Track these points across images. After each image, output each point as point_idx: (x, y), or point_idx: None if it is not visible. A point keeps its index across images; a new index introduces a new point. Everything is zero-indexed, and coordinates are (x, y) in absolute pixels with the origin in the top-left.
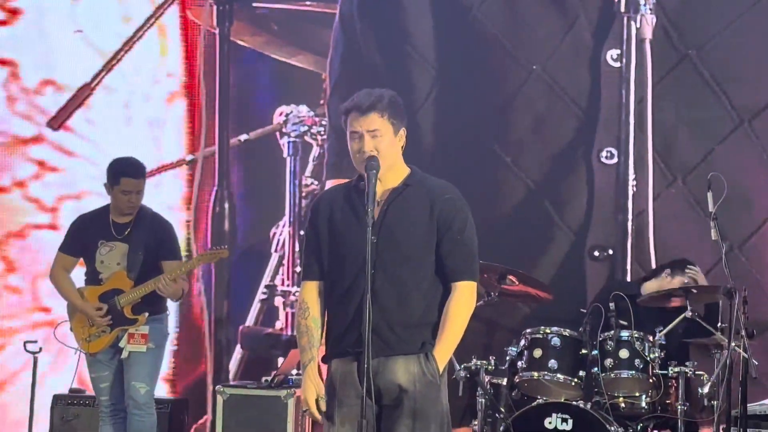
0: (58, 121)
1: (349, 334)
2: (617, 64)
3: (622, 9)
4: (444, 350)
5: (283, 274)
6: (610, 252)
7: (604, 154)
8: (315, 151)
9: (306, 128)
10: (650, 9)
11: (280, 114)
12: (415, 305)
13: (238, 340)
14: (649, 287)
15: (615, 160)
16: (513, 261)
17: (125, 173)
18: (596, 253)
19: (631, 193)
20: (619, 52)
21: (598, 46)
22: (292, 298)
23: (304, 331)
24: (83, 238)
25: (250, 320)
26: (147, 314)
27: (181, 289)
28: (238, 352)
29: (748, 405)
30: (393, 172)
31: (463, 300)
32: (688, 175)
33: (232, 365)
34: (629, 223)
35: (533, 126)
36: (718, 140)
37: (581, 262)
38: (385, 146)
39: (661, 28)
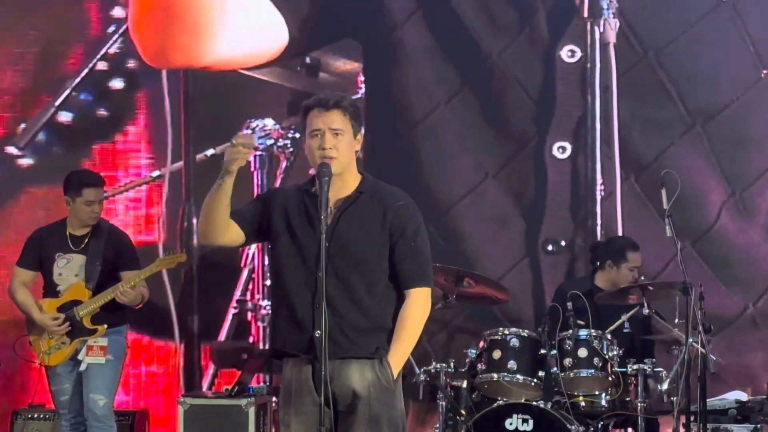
0: (23, 140)
1: (300, 335)
2: (572, 60)
3: (585, 14)
4: (399, 356)
5: (252, 288)
6: (563, 244)
7: (556, 148)
8: (282, 164)
9: (272, 141)
10: (613, 13)
11: (247, 127)
12: (367, 310)
13: (210, 356)
14: (600, 280)
15: (567, 154)
16: (469, 247)
17: (87, 184)
18: (549, 247)
19: (599, 188)
20: (572, 48)
21: (554, 42)
22: (263, 312)
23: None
24: (40, 251)
25: (221, 336)
26: (106, 326)
27: (141, 296)
28: (211, 368)
29: (708, 400)
30: (346, 177)
31: (418, 305)
32: (641, 173)
33: (205, 381)
34: (598, 218)
35: (485, 112)
36: (671, 140)
37: (535, 256)
38: (344, 146)
39: (620, 29)
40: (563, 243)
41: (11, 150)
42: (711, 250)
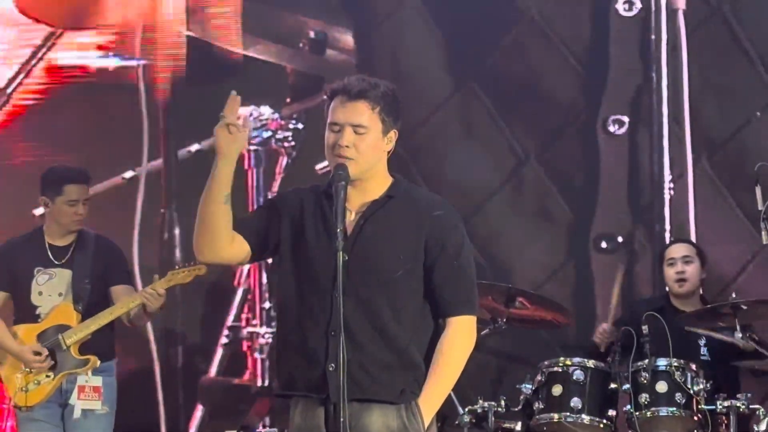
0: None
1: (311, 370)
2: (629, 14)
3: None
4: (433, 398)
5: (248, 312)
6: (620, 240)
7: (611, 122)
8: (282, 160)
9: (270, 133)
10: None
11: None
12: (393, 340)
13: (198, 395)
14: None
15: (624, 129)
16: (504, 246)
17: (69, 179)
18: (603, 244)
19: (667, 171)
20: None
21: None
22: (261, 341)
23: None
24: (13, 267)
25: (212, 370)
26: (97, 359)
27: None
28: (200, 410)
29: None
30: (369, 182)
31: (460, 338)
32: (714, 154)
33: (193, 425)
34: (666, 208)
35: (524, 80)
36: (752, 113)
37: (585, 255)
38: (366, 146)
39: None
40: (620, 239)
41: None
42: None
